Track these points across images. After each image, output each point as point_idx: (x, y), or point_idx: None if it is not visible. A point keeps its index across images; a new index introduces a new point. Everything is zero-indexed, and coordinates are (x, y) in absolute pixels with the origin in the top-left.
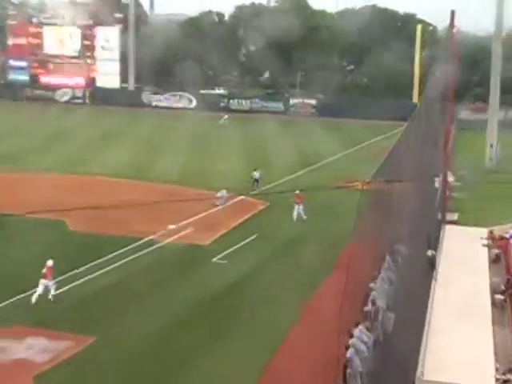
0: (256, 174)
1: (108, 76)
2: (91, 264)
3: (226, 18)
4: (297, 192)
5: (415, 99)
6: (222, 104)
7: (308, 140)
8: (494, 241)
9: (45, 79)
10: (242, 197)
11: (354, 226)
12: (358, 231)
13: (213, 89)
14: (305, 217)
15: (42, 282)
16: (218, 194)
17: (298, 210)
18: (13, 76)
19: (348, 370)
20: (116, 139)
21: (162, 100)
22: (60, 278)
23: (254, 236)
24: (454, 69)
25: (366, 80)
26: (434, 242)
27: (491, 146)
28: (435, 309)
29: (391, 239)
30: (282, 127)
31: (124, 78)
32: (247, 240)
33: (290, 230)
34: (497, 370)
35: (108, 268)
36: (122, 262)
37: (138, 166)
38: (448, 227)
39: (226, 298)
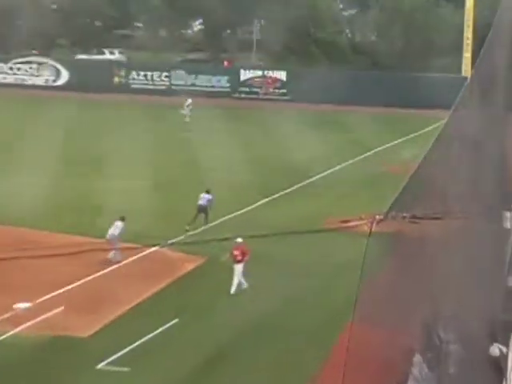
0: (203, 200)
1: None
2: None
3: None
4: (238, 240)
5: (465, 71)
6: (116, 79)
7: (280, 144)
8: None
9: None
10: (157, 248)
11: (355, 299)
12: (363, 306)
13: (101, 52)
14: (245, 285)
15: None
16: (111, 234)
17: (238, 273)
18: None
19: None
20: None
21: (6, 71)
22: None
23: (175, 321)
24: None
25: (376, 37)
26: (503, 331)
27: None
28: None
29: (424, 322)
30: (227, 122)
31: None
32: (161, 329)
33: (234, 312)
34: None
35: None
36: None
37: None
38: None
39: None
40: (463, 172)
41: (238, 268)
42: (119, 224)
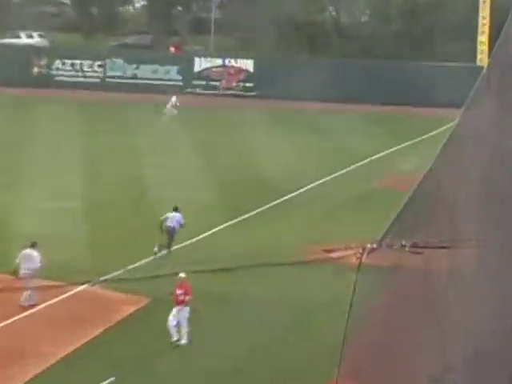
0: (172, 220)
1: None
2: None
3: None
4: (181, 276)
5: (480, 60)
6: (35, 69)
7: (246, 153)
8: None
9: None
10: (85, 286)
11: (340, 349)
12: (350, 358)
13: (15, 35)
14: (175, 337)
15: None
16: (23, 268)
17: (174, 317)
18: None
19: None
20: None
21: None
22: None
23: (110, 380)
24: None
25: (368, 17)
26: None
27: None
28: None
29: (431, 377)
30: (179, 124)
31: None
32: None
33: (183, 366)
34: None
35: None
36: None
37: None
38: None
39: None
40: (479, 188)
41: (178, 312)
42: (31, 254)
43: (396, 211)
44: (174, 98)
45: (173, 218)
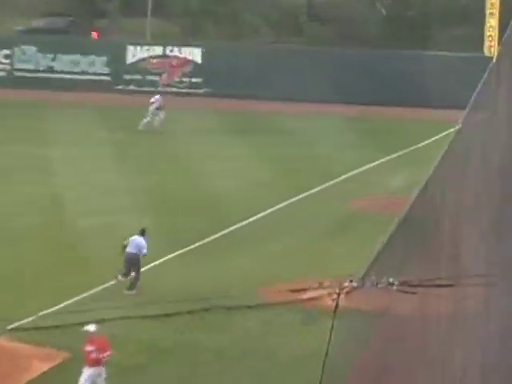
0: (130, 245)
1: None
2: None
3: None
4: (89, 329)
5: (489, 49)
6: None
7: (191, 167)
8: None
9: None
10: None
11: None
12: None
13: None
14: None
15: None
16: None
17: (85, 381)
18: None
19: None
20: None
21: None
22: None
23: None
24: None
25: None
26: None
27: None
28: None
29: None
30: (108, 131)
31: None
32: None
33: None
34: None
35: None
36: None
37: None
38: None
39: None
40: (488, 214)
41: (97, 373)
42: None
43: (381, 240)
44: (155, 99)
45: (132, 243)
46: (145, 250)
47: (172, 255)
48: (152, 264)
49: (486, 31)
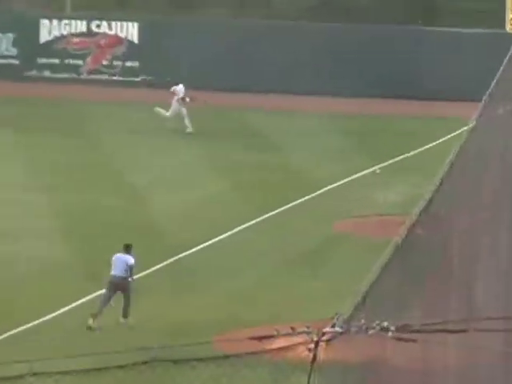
0: (114, 265)
1: None
2: None
3: None
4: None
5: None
6: None
7: (125, 180)
8: None
9: None
10: None
11: None
12: None
13: None
14: None
15: None
16: None
17: None
18: None
19: None
20: None
21: None
22: None
23: None
24: None
25: None
26: None
27: None
28: None
29: None
30: (15, 132)
31: None
32: None
33: None
34: None
35: None
36: None
37: None
38: None
39: None
40: (506, 237)
41: None
42: None
43: (371, 271)
44: (178, 88)
45: (116, 264)
46: (129, 274)
47: (97, 293)
48: (74, 304)
49: (508, 4)
